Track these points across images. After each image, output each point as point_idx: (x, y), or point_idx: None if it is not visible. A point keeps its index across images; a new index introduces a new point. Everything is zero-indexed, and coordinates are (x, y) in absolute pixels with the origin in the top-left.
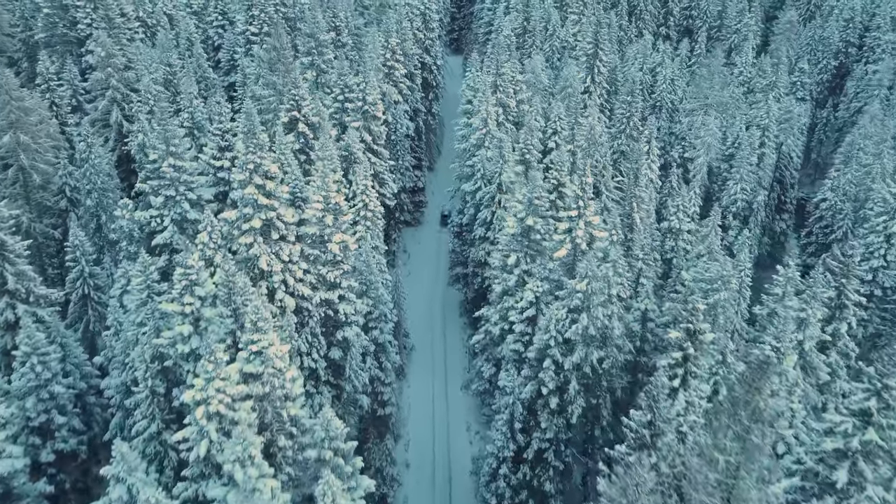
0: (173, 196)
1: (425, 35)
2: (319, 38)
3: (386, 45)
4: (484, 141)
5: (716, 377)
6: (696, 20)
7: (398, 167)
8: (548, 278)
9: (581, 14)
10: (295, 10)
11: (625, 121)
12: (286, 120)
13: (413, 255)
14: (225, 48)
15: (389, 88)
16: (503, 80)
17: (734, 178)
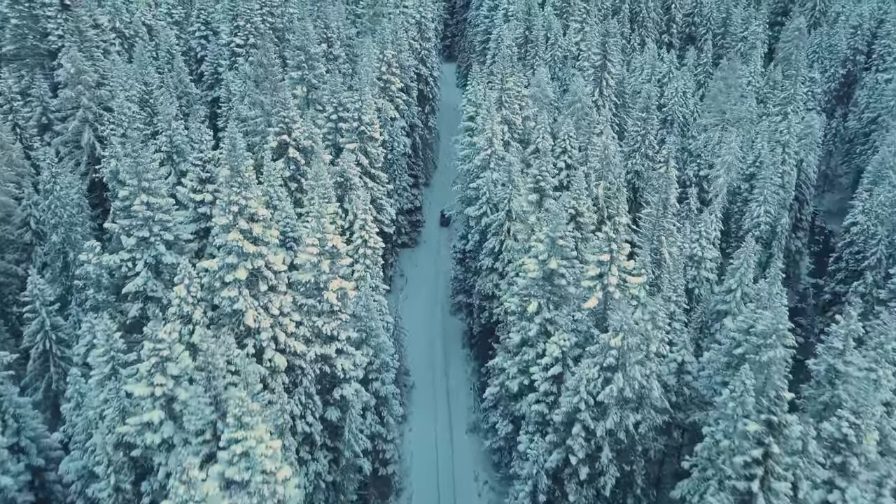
0: (147, 237)
1: (421, 45)
2: (310, 50)
3: (381, 57)
4: (489, 162)
5: (794, 470)
6: (699, 27)
7: (396, 188)
8: (575, 329)
9: (584, 22)
10: (283, 21)
11: (639, 139)
12: (275, 144)
13: (410, 278)
14: (208, 60)
15: (385, 104)
16: (508, 95)
17: (757, 199)
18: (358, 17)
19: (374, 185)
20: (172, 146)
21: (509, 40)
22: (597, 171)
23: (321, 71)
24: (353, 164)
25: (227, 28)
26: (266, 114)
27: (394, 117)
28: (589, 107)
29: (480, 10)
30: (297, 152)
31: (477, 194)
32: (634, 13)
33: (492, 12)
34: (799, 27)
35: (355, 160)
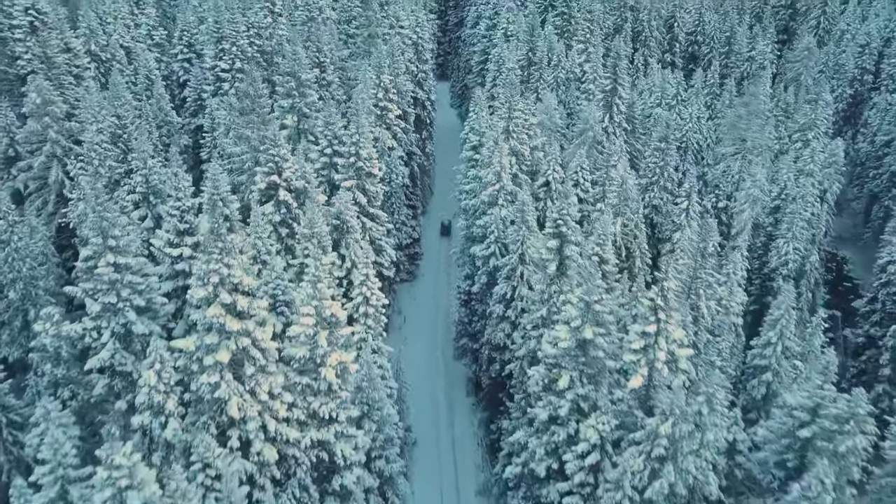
0: (114, 303)
1: (418, 67)
2: (301, 77)
3: (378, 82)
4: (497, 198)
5: None
6: (703, 46)
7: (394, 222)
8: (616, 410)
9: (587, 43)
10: (272, 43)
11: (657, 170)
12: (263, 186)
13: (410, 315)
14: (191, 85)
15: (383, 132)
16: (516, 124)
17: (784, 235)
18: (350, 37)
19: (374, 224)
20: (148, 187)
21: (512, 63)
22: (614, 206)
23: (313, 98)
24: (350, 204)
25: (211, 51)
26: (253, 150)
27: (391, 147)
28: (600, 135)
29: (477, 29)
30: (289, 194)
31: (484, 232)
32: (637, 32)
33: (490, 31)
34: (808, 46)
35: (352, 199)
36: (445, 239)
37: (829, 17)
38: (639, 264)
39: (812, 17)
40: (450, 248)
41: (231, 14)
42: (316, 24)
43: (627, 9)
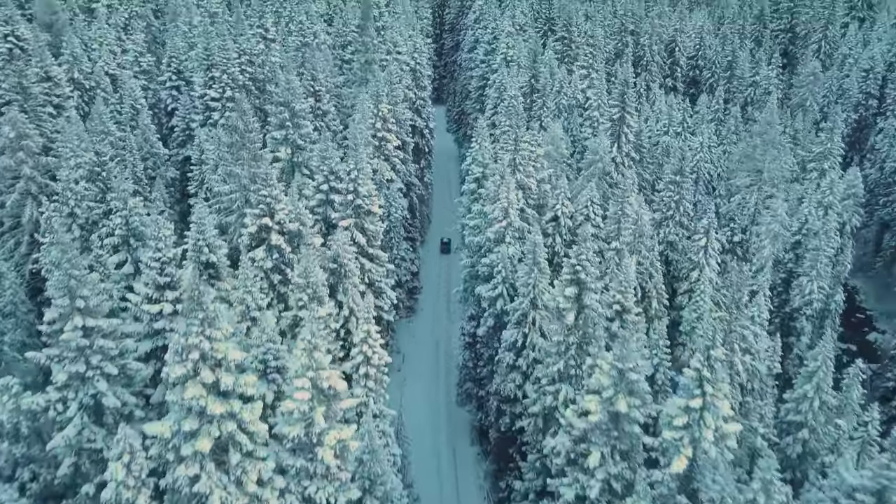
0: (82, 372)
1: (416, 94)
2: (295, 107)
3: (376, 112)
4: (505, 235)
5: None
6: (704, 71)
7: (393, 258)
8: (655, 494)
9: (590, 68)
10: (265, 71)
11: (672, 204)
12: (254, 229)
13: (409, 354)
14: (179, 114)
15: (381, 164)
16: (522, 156)
17: (808, 273)
18: (346, 62)
19: (373, 266)
20: (128, 229)
21: (514, 90)
22: (629, 244)
23: (308, 130)
24: (348, 245)
25: (201, 78)
26: (242, 188)
27: (390, 179)
28: (609, 166)
29: (475, 54)
30: (281, 237)
31: (490, 271)
32: (638, 57)
33: (488, 56)
34: (814, 72)
35: (350, 238)
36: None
37: (831, 41)
38: (655, 305)
39: (813, 41)
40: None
41: (222, 40)
42: (310, 50)
43: (628, 33)
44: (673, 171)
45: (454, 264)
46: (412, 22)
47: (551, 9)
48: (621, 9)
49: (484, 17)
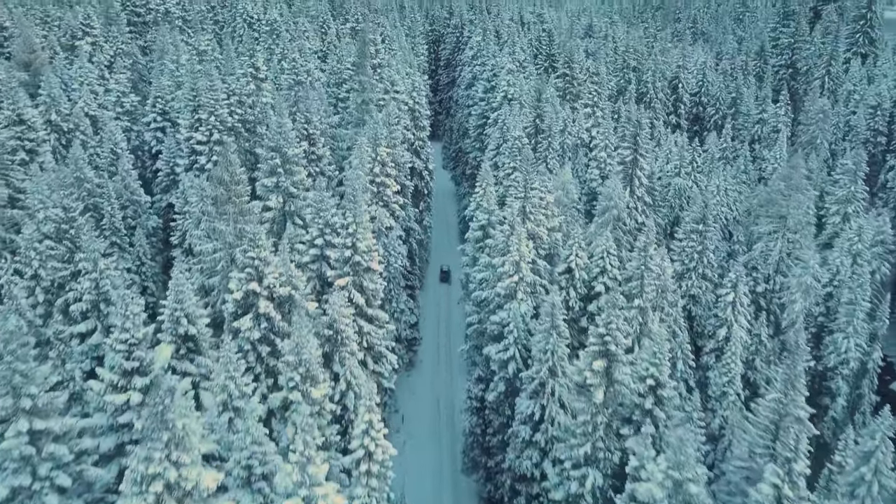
0: (27, 486)
1: (415, 135)
2: (287, 152)
3: (374, 156)
4: (517, 291)
5: None
6: (708, 108)
7: (391, 310)
8: None
9: (595, 107)
10: (255, 112)
11: (695, 256)
12: (239, 296)
13: (409, 413)
14: (164, 158)
15: (380, 211)
16: (532, 203)
17: (843, 329)
18: (341, 101)
19: (372, 328)
20: (98, 293)
21: (518, 130)
22: (651, 301)
23: (301, 176)
24: (345, 305)
25: (187, 120)
26: (228, 246)
27: (389, 226)
28: (624, 212)
29: (473, 91)
30: (270, 304)
31: (501, 331)
32: (641, 94)
33: (488, 94)
34: (823, 109)
35: (347, 299)
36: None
37: (834, 77)
38: (681, 367)
39: (816, 77)
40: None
41: (209, 80)
42: (304, 89)
43: (630, 70)
44: (694, 220)
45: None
46: (409, 59)
47: (552, 45)
48: (622, 45)
49: (482, 54)
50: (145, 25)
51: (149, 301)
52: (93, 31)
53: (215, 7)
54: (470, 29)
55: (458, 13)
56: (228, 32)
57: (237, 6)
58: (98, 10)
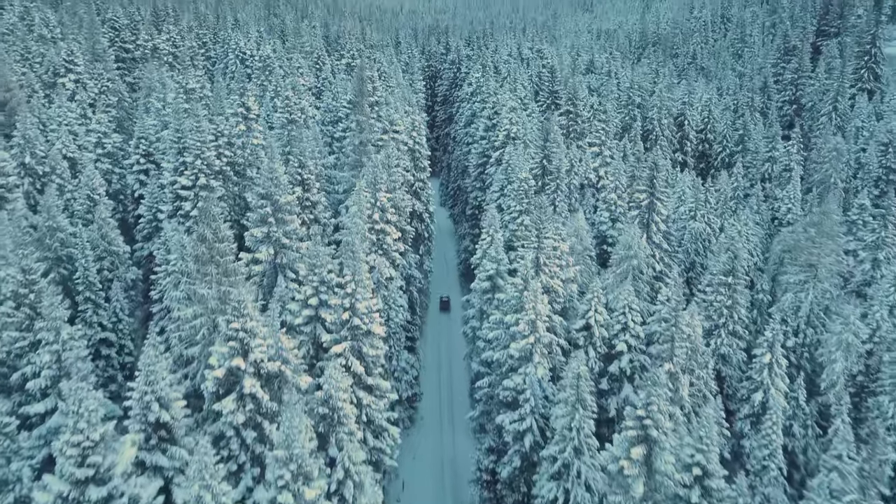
0: None
1: (415, 176)
2: (279, 200)
3: (373, 202)
4: (533, 353)
5: None
6: (714, 145)
7: (391, 369)
8: None
9: (602, 145)
10: (245, 154)
11: (724, 311)
12: (221, 373)
13: (410, 478)
14: (146, 203)
15: (380, 260)
16: (546, 254)
17: (889, 392)
18: (336, 140)
19: (372, 399)
20: (60, 368)
21: (525, 171)
22: (682, 364)
23: (294, 226)
24: (343, 376)
25: (171, 162)
26: (209, 312)
27: (390, 277)
28: (644, 261)
29: (473, 129)
30: (257, 382)
31: (515, 397)
32: (647, 131)
33: (489, 132)
34: (836, 147)
35: (345, 366)
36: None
37: (841, 113)
38: None
39: (823, 113)
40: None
41: (196, 121)
42: (297, 128)
43: (635, 106)
44: (722, 271)
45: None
46: (408, 96)
47: (554, 82)
48: (627, 81)
49: (481, 91)
50: (134, 62)
51: (125, 360)
52: (76, 68)
53: (207, 43)
54: (468, 65)
55: (454, 49)
56: (221, 69)
57: (229, 42)
58: (84, 47)
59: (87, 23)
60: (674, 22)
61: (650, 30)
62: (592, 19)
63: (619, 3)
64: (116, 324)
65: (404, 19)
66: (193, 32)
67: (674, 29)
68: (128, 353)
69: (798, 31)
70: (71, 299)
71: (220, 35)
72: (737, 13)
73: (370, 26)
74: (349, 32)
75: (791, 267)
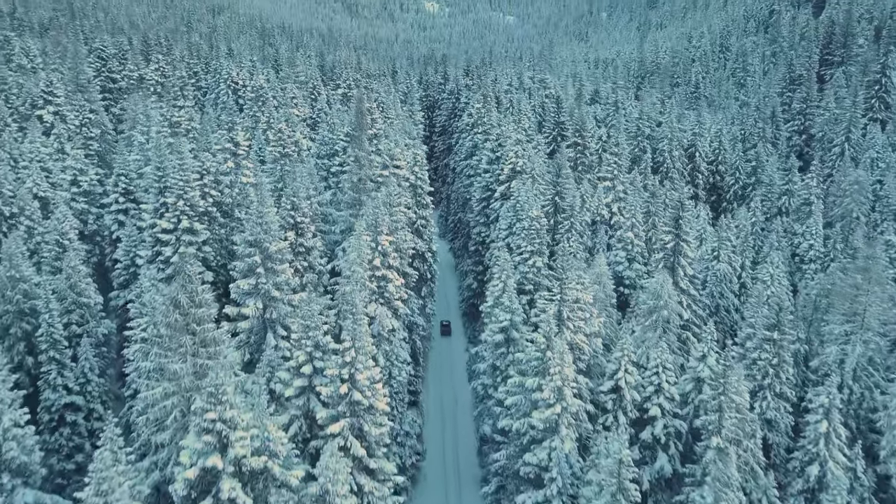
0: None
1: (417, 213)
2: (269, 248)
3: (374, 246)
4: (559, 425)
5: None
6: (726, 177)
7: (394, 434)
8: None
9: (615, 180)
10: (233, 193)
11: (769, 370)
12: (194, 474)
13: None
14: (124, 247)
15: (381, 310)
16: (568, 306)
17: None
18: (333, 174)
19: (375, 485)
20: (1, 463)
21: (536, 209)
22: (730, 436)
23: (285, 276)
24: (341, 462)
25: (151, 203)
26: (183, 390)
27: (392, 328)
28: (674, 312)
29: (474, 161)
30: (238, 483)
31: (538, 474)
32: (658, 163)
33: (493, 166)
34: (858, 180)
35: (343, 447)
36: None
37: (854, 144)
38: None
39: (835, 144)
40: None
41: (179, 158)
42: (291, 163)
43: (644, 137)
44: (766, 326)
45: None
46: (408, 128)
47: (560, 112)
48: (635, 112)
49: (483, 122)
50: (121, 92)
51: (94, 427)
52: (56, 99)
53: (198, 73)
54: (467, 95)
55: (453, 78)
56: (212, 99)
57: (221, 72)
58: (67, 77)
59: (72, 52)
60: (672, 51)
61: (648, 59)
62: (588, 48)
63: (614, 33)
64: (85, 385)
65: (399, 49)
66: (184, 62)
67: (673, 58)
68: (97, 418)
69: (803, 59)
70: (34, 358)
71: (211, 65)
72: (735, 42)
73: (365, 56)
74: (345, 62)
75: (833, 315)
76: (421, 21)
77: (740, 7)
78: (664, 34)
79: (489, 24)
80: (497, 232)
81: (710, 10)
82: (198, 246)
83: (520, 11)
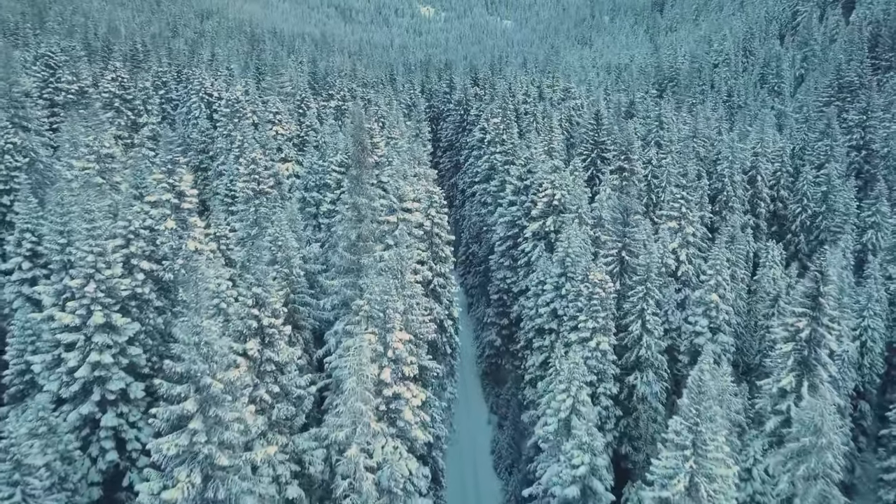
0: None
1: (433, 269)
2: (209, 386)
3: (382, 351)
4: None
5: None
6: (791, 204)
7: None
8: None
9: (682, 219)
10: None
11: None
12: None
13: None
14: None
15: (385, 429)
16: (704, 476)
17: None
18: (324, 215)
19: None
20: None
21: (601, 273)
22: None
23: (237, 429)
24: None
25: (52, 284)
26: None
27: (409, 475)
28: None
29: (491, 185)
30: None
31: None
32: (716, 191)
33: (520, 196)
34: None
35: None
36: None
37: None
38: None
39: None
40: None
41: (88, 219)
42: (269, 201)
43: (700, 159)
44: None
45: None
46: (417, 152)
47: (599, 130)
48: (686, 127)
49: (501, 140)
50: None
51: None
52: None
53: (168, 83)
54: (478, 106)
55: (461, 87)
56: (182, 114)
57: (192, 81)
58: None
59: (3, 60)
60: (692, 56)
61: (666, 64)
62: (595, 54)
63: (620, 38)
64: None
65: (395, 54)
66: (151, 71)
67: (692, 64)
68: None
69: (854, 65)
70: None
71: (183, 73)
72: (759, 46)
73: (361, 62)
74: (339, 69)
75: None
76: (416, 26)
77: (760, 8)
78: (677, 38)
79: (486, 28)
80: (533, 285)
81: (724, 13)
82: (119, 349)
83: (517, 16)
